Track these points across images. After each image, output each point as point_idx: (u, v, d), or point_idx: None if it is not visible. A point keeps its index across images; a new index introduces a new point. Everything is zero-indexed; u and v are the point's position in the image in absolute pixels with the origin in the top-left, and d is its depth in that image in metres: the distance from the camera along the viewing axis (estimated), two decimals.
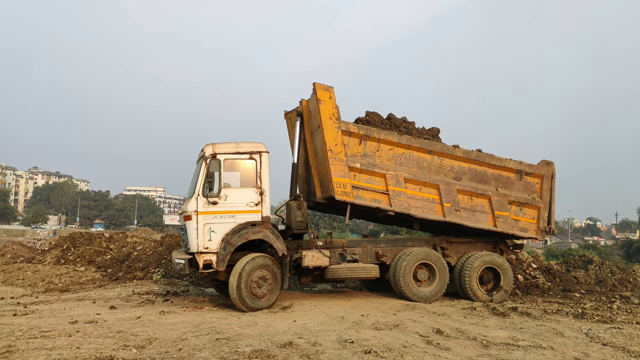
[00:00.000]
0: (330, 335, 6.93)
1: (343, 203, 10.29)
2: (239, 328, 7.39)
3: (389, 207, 10.50)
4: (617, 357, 6.23)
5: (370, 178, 10.50)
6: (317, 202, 11.13)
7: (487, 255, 11.07)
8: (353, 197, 10.22)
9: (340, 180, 10.07)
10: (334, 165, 10.05)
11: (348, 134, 10.37)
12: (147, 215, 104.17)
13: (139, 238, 17.63)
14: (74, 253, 15.97)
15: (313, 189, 11.03)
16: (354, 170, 10.31)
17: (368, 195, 10.46)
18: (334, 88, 10.40)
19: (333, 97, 10.32)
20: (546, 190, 11.70)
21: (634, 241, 47.95)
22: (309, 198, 11.39)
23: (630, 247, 43.99)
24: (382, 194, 10.55)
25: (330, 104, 10.25)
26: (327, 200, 10.65)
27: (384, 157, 10.68)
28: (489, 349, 6.45)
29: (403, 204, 10.59)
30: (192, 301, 10.41)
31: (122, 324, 7.71)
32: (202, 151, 9.64)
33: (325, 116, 10.17)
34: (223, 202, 9.33)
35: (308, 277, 10.87)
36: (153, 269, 13.76)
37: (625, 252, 43.28)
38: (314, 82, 10.31)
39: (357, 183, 10.35)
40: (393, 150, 10.75)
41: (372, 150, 10.60)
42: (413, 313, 9.03)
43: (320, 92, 10.24)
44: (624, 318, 8.86)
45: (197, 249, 9.10)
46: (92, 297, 10.64)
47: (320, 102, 10.19)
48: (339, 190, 10.05)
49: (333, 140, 10.14)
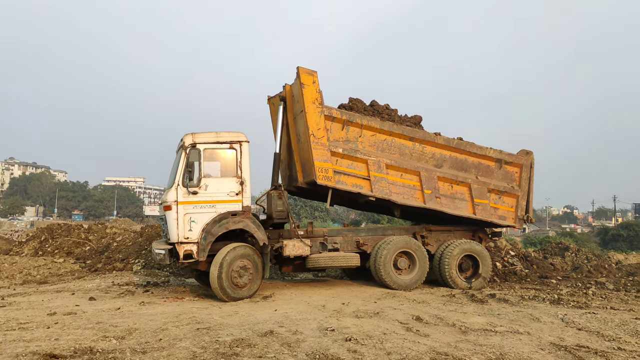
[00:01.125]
0: (311, 324, 6.97)
1: (325, 188, 10.34)
2: (220, 318, 7.39)
3: (370, 192, 10.56)
4: (592, 341, 6.37)
5: (352, 163, 10.55)
6: (299, 187, 11.17)
7: (466, 243, 11.21)
8: (334, 182, 10.26)
9: (322, 164, 10.10)
10: (316, 150, 10.07)
11: (331, 119, 10.40)
12: (126, 206, 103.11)
13: (118, 229, 17.46)
14: (52, 245, 15.75)
15: (295, 174, 11.04)
16: (336, 155, 10.34)
17: (349, 181, 10.50)
18: (317, 72, 10.41)
19: (317, 81, 10.33)
20: (525, 180, 11.86)
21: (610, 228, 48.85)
22: (290, 183, 11.44)
23: (606, 234, 44.86)
24: (364, 179, 10.60)
25: (314, 89, 10.26)
26: (308, 185, 10.67)
27: (366, 143, 10.73)
28: (467, 335, 6.55)
29: (384, 190, 10.65)
30: (173, 292, 10.37)
31: (101, 315, 7.66)
32: (182, 141, 9.56)
33: (309, 100, 10.17)
34: (203, 191, 9.28)
35: (289, 266, 10.89)
36: (133, 259, 13.66)
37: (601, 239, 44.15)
38: (297, 66, 10.31)
39: (339, 168, 10.39)
40: (375, 137, 10.80)
41: (354, 136, 10.64)
42: (393, 301, 9.12)
43: (303, 77, 10.24)
44: (598, 303, 9.06)
45: (177, 239, 9.05)
46: (71, 289, 10.53)
47: (304, 86, 10.19)
48: (320, 175, 10.07)
49: (316, 125, 10.15)
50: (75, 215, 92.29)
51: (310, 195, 12.71)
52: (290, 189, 11.76)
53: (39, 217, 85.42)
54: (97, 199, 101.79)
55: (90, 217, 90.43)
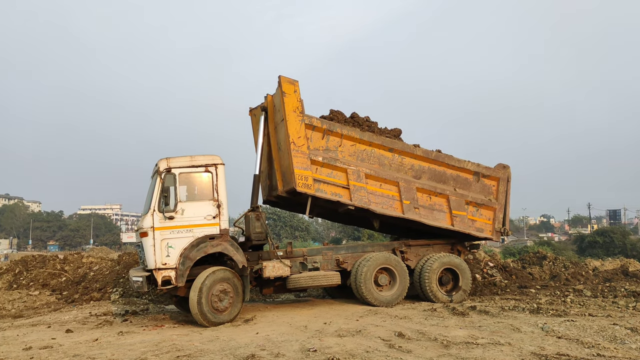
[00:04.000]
0: (293, 345, 6.92)
1: (304, 197, 10.38)
2: (201, 344, 7.29)
3: (349, 201, 10.61)
4: (572, 348, 6.44)
5: (332, 172, 10.62)
6: (279, 197, 11.20)
7: (445, 257, 11.28)
8: (314, 190, 10.29)
9: (302, 172, 10.15)
10: (296, 158, 10.12)
11: (311, 128, 10.48)
12: (103, 234, 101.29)
13: (95, 258, 17.13)
14: (27, 277, 15.37)
15: (275, 183, 11.07)
16: (316, 164, 10.40)
17: (329, 189, 10.55)
18: (299, 82, 10.52)
19: (298, 90, 10.44)
20: (502, 193, 12.02)
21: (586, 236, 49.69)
22: (270, 193, 11.49)
23: (583, 242, 45.63)
24: (343, 188, 10.65)
25: (295, 98, 10.36)
26: (288, 194, 10.70)
27: (346, 152, 10.82)
28: (449, 348, 6.57)
29: (363, 199, 10.71)
30: (152, 319, 10.20)
31: (78, 347, 7.48)
32: (157, 166, 9.49)
33: (290, 109, 10.26)
34: (180, 216, 9.20)
35: (270, 287, 10.81)
36: (111, 288, 13.41)
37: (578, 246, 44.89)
38: (279, 75, 10.41)
39: (319, 176, 10.44)
40: (355, 147, 10.90)
41: (334, 145, 10.73)
42: (375, 318, 9.10)
43: (285, 85, 10.34)
44: (577, 311, 9.18)
45: (155, 266, 8.93)
46: (47, 322, 10.27)
47: (285, 94, 10.28)
48: (300, 182, 10.10)
49: (296, 133, 10.22)
50: (51, 246, 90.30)
51: (290, 206, 12.66)
52: (270, 199, 11.80)
53: (13, 250, 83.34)
54: (72, 228, 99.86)
55: (66, 247, 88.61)
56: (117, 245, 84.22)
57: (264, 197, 11.95)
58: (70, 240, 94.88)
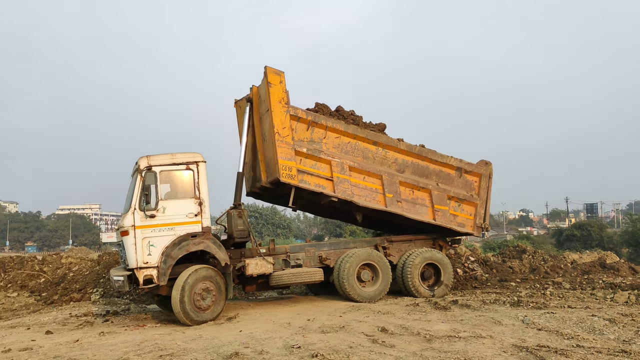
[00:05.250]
0: (276, 342, 6.91)
1: (288, 188, 10.40)
2: (184, 343, 7.24)
3: (332, 193, 10.65)
4: (552, 340, 6.55)
5: (316, 164, 10.65)
6: (263, 188, 11.20)
7: (427, 252, 11.36)
8: (298, 181, 10.31)
9: (286, 163, 10.16)
10: (280, 148, 10.13)
11: (296, 119, 10.51)
12: (82, 234, 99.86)
13: (74, 258, 16.88)
14: (5, 279, 15.10)
15: (259, 174, 11.07)
16: (300, 155, 10.43)
17: (313, 180, 10.58)
18: (284, 73, 10.54)
19: (284, 81, 10.47)
20: (483, 189, 12.16)
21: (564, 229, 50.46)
22: (254, 184, 11.50)
23: (561, 235, 46.35)
24: (327, 180, 10.69)
25: (281, 88, 10.38)
26: (272, 185, 10.71)
27: (331, 144, 10.87)
28: (432, 342, 6.63)
29: (346, 191, 10.75)
30: (134, 319, 10.10)
31: (59, 348, 7.38)
32: (137, 164, 9.39)
33: (275, 100, 10.28)
34: (161, 214, 9.12)
35: (253, 285, 10.78)
36: (91, 289, 13.24)
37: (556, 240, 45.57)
38: (265, 66, 10.42)
39: (303, 167, 10.47)
40: (340, 139, 10.95)
41: (319, 137, 10.77)
42: (358, 314, 9.14)
43: (271, 76, 10.36)
44: (556, 303, 9.33)
45: (136, 265, 8.85)
46: (26, 324, 10.11)
47: (271, 85, 10.30)
48: (284, 173, 10.11)
49: (281, 124, 10.23)
50: (29, 247, 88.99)
51: (274, 198, 12.62)
52: (254, 190, 11.78)
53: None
54: (50, 228, 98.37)
55: (44, 247, 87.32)
56: (97, 245, 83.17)
57: (248, 189, 11.90)
58: (49, 241, 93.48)
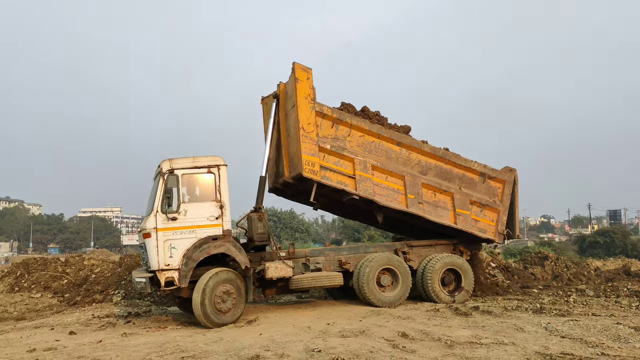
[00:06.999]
0: (297, 346, 6.92)
1: (310, 184, 10.42)
2: (205, 345, 7.29)
3: (354, 190, 10.66)
4: (576, 348, 6.45)
5: (339, 161, 10.68)
6: (285, 184, 11.28)
7: (447, 257, 11.28)
8: (320, 177, 10.34)
9: (310, 158, 10.21)
10: (304, 144, 10.18)
11: (322, 116, 10.57)
12: (104, 236, 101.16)
13: (96, 260, 17.12)
14: (29, 280, 15.37)
15: (282, 170, 11.17)
16: (323, 151, 10.48)
17: (335, 177, 10.61)
18: (312, 70, 10.61)
19: (311, 78, 10.54)
20: (507, 195, 12.02)
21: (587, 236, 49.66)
22: (277, 180, 11.61)
23: (583, 242, 45.60)
24: (349, 177, 10.71)
25: (307, 85, 10.46)
26: (294, 180, 10.76)
27: (354, 142, 10.90)
28: (453, 348, 6.58)
29: (368, 190, 10.75)
30: (155, 321, 10.20)
31: (82, 349, 7.49)
32: (159, 167, 9.50)
33: (302, 95, 10.36)
34: (183, 217, 9.21)
35: (272, 289, 10.80)
36: (112, 290, 13.40)
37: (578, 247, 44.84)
38: (293, 62, 10.51)
39: (326, 164, 10.51)
40: (364, 138, 10.97)
41: (343, 134, 10.81)
42: (378, 318, 9.10)
43: (298, 72, 10.44)
44: (580, 310, 9.19)
45: (158, 267, 8.94)
46: (50, 324, 10.28)
47: (298, 81, 10.39)
48: (307, 168, 10.15)
49: (306, 119, 10.30)
50: (51, 249, 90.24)
51: (295, 195, 12.59)
52: (276, 186, 11.87)
53: (14, 253, 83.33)
54: (73, 231, 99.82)
55: (66, 249, 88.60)
56: (118, 247, 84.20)
57: (270, 185, 11.99)
58: (71, 243, 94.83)
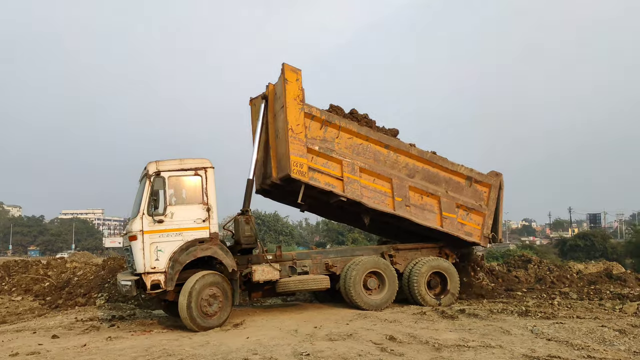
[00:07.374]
0: (285, 349, 6.89)
1: (298, 185, 10.42)
2: (191, 349, 7.23)
3: (342, 192, 10.67)
4: (562, 350, 6.52)
5: (327, 162, 10.70)
6: (273, 185, 11.27)
7: (433, 261, 11.33)
8: (308, 178, 10.35)
9: (298, 159, 10.21)
10: (293, 144, 10.18)
11: (310, 117, 10.59)
12: (85, 239, 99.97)
13: (79, 263, 16.93)
14: (9, 282, 15.13)
15: (270, 171, 11.15)
16: (312, 152, 10.48)
17: (323, 179, 10.61)
18: (301, 71, 10.64)
19: (300, 79, 10.57)
20: (493, 199, 12.12)
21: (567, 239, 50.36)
22: (264, 181, 11.60)
23: (564, 245, 46.27)
24: (337, 179, 10.72)
25: (297, 86, 10.48)
26: (282, 181, 10.75)
27: (343, 144, 10.91)
28: (441, 351, 6.60)
29: (356, 192, 10.78)
30: (140, 324, 10.08)
31: (67, 353, 7.37)
32: (146, 169, 9.41)
33: (290, 97, 10.36)
34: (169, 220, 9.13)
35: (259, 292, 10.75)
36: (96, 293, 13.22)
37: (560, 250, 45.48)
38: (283, 63, 10.52)
39: (314, 165, 10.51)
40: (352, 140, 11.00)
41: (331, 136, 10.83)
42: (365, 321, 9.10)
43: (288, 73, 10.46)
44: (565, 313, 9.28)
45: (144, 270, 8.84)
46: (32, 327, 10.09)
47: (287, 82, 10.40)
48: (295, 169, 10.15)
49: (295, 120, 10.30)
50: (32, 251, 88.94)
51: (283, 196, 12.58)
52: (263, 187, 11.85)
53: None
54: (53, 233, 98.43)
55: (47, 252, 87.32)
56: (100, 250, 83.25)
57: (257, 186, 11.94)
58: (52, 245, 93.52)
